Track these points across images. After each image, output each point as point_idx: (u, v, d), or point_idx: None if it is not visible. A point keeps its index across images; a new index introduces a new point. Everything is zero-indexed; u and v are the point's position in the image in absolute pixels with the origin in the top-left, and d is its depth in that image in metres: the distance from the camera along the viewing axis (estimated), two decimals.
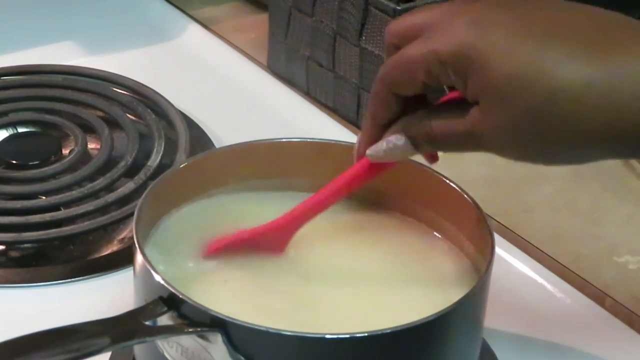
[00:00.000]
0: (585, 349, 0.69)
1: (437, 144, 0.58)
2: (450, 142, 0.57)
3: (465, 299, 0.56)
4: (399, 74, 0.57)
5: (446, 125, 0.57)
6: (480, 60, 0.53)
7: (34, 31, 1.03)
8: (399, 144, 0.58)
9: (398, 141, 0.58)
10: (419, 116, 0.58)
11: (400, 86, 0.57)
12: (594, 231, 0.79)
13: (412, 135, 0.58)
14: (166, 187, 0.64)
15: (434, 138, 0.57)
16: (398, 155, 0.59)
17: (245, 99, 0.94)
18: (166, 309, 0.55)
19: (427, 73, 0.55)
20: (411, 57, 0.56)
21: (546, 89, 0.52)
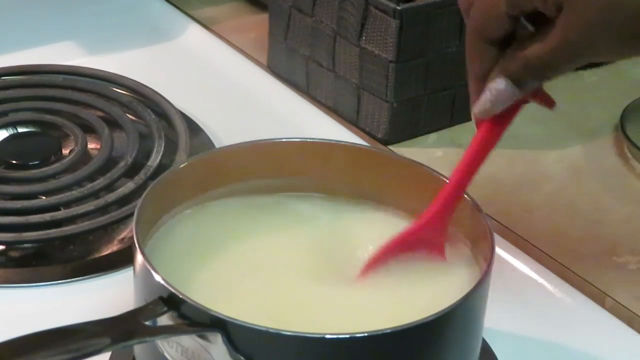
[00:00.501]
0: (585, 349, 0.69)
1: (536, 70, 0.57)
2: (547, 62, 0.57)
3: (465, 299, 0.56)
4: (483, 16, 0.57)
5: (538, 47, 0.56)
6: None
7: (34, 31, 1.03)
8: (500, 87, 0.58)
9: (499, 85, 0.58)
10: (509, 53, 0.58)
11: (488, 28, 0.58)
12: (594, 231, 0.79)
13: (510, 73, 0.58)
14: (166, 187, 0.64)
15: (531, 65, 0.57)
16: (505, 101, 0.59)
17: (245, 99, 0.94)
18: (166, 309, 0.55)
19: (508, 2, 0.56)
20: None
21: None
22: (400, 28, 0.84)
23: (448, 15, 0.85)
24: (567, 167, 0.86)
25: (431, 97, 0.88)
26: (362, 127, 0.89)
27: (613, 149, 0.88)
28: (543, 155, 0.87)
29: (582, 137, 0.89)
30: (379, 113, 0.87)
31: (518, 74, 0.58)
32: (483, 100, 0.59)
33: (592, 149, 0.89)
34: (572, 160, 0.87)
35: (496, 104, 0.59)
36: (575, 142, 0.89)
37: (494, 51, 0.58)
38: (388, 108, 0.87)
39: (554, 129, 0.89)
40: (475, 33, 0.58)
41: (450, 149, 0.87)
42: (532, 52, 0.57)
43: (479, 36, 0.58)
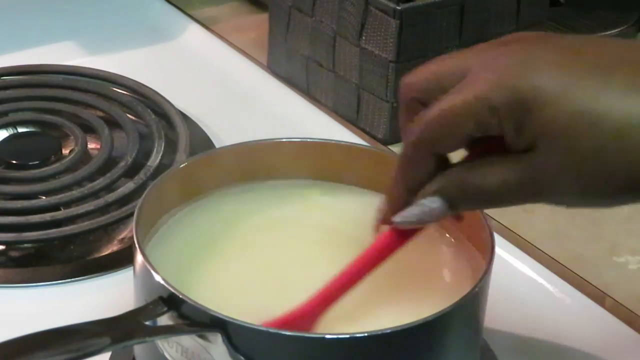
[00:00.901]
0: (585, 349, 0.69)
1: (478, 200, 0.53)
2: (495, 196, 0.53)
3: (465, 299, 0.56)
4: (441, 130, 0.52)
5: (492, 178, 0.52)
6: (539, 102, 0.50)
7: (34, 31, 1.03)
8: (434, 206, 0.54)
9: (433, 204, 0.54)
10: (455, 172, 0.54)
11: (443, 144, 0.53)
12: (594, 231, 0.79)
13: (450, 196, 0.53)
14: (166, 187, 0.64)
15: (476, 194, 0.53)
16: (432, 219, 0.55)
17: (245, 99, 0.95)
18: (166, 309, 0.55)
19: (476, 124, 0.51)
20: (456, 109, 0.51)
21: (612, 126, 0.49)
22: (400, 28, 0.84)
23: (448, 15, 0.85)
24: None
25: None
26: (362, 127, 0.89)
27: None
28: None
29: None
30: (379, 113, 0.87)
31: (457, 199, 0.53)
32: (409, 213, 0.55)
33: None
34: None
35: (422, 221, 0.55)
36: None
37: (435, 164, 0.54)
38: (388, 108, 0.87)
39: None
40: (425, 144, 0.53)
41: None
42: (479, 184, 0.52)
43: (428, 148, 0.53)
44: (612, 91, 0.49)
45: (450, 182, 0.53)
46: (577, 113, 0.49)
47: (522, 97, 0.50)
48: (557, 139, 0.50)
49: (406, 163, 0.55)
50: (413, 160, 0.54)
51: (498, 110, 0.50)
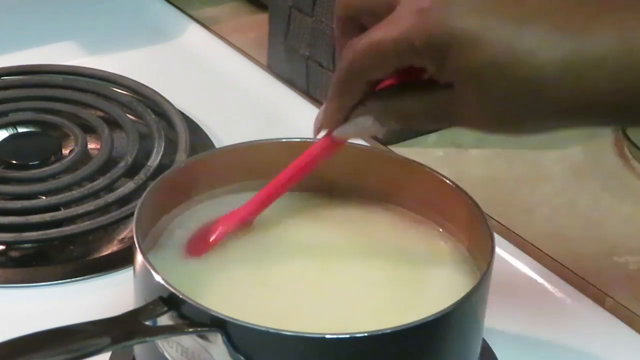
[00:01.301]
0: (585, 349, 0.69)
1: (404, 122, 0.58)
2: (421, 120, 0.58)
3: (465, 299, 0.56)
4: (368, 61, 0.56)
5: (418, 105, 0.57)
6: (454, 48, 0.53)
7: (34, 31, 1.03)
8: (367, 124, 0.59)
9: (366, 122, 0.59)
10: (386, 97, 0.58)
11: (370, 73, 0.57)
12: (594, 231, 0.79)
13: (378, 115, 0.58)
14: (166, 187, 0.64)
15: (404, 117, 0.58)
16: (365, 134, 0.60)
17: (245, 99, 0.94)
18: (166, 309, 0.55)
19: (399, 59, 0.55)
20: (382, 44, 0.55)
21: (525, 76, 0.52)
22: None
23: None
24: (567, 167, 0.86)
25: None
26: None
27: (613, 149, 0.88)
28: (543, 155, 0.87)
29: (582, 137, 0.89)
30: None
31: (387, 119, 0.58)
32: (347, 129, 0.60)
33: (592, 149, 0.89)
34: (572, 160, 0.87)
35: (358, 134, 0.60)
36: (575, 142, 0.89)
37: (366, 87, 0.58)
38: None
39: None
40: (356, 71, 0.57)
41: (450, 149, 0.87)
42: (408, 107, 0.57)
43: (359, 75, 0.57)
44: (525, 41, 0.52)
45: (381, 106, 0.58)
46: (489, 61, 0.52)
47: (440, 42, 0.53)
48: (470, 83, 0.54)
49: (340, 87, 0.59)
50: (346, 85, 0.59)
51: (419, 51, 0.54)
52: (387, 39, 0.55)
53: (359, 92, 0.58)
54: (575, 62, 0.52)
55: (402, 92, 0.58)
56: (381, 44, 0.55)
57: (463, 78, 0.54)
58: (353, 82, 0.58)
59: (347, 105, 0.59)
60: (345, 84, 0.58)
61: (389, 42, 0.55)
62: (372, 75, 0.57)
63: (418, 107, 0.57)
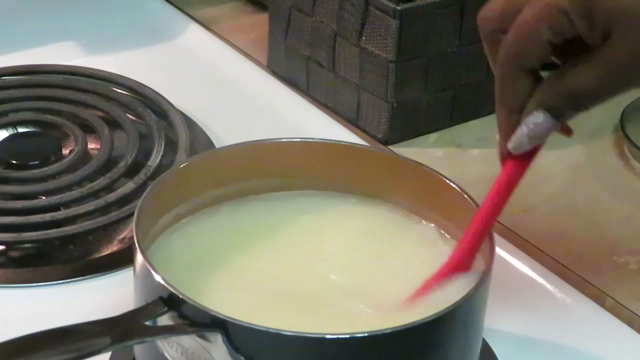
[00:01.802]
0: (585, 349, 0.69)
1: (579, 101, 0.55)
2: (593, 92, 0.55)
3: (465, 299, 0.56)
4: (522, 42, 0.55)
5: (582, 77, 0.54)
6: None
7: (34, 31, 1.03)
8: (539, 121, 0.55)
9: (537, 119, 0.56)
10: (548, 83, 0.55)
11: (527, 56, 0.55)
12: (594, 231, 0.79)
13: (549, 105, 0.55)
14: (166, 187, 0.64)
15: (575, 96, 0.55)
16: (542, 135, 0.56)
17: (245, 99, 0.94)
18: (166, 309, 0.55)
19: (551, 29, 0.53)
20: (530, 20, 0.54)
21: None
22: (400, 28, 0.84)
23: (448, 15, 0.85)
24: (567, 167, 0.86)
25: (431, 97, 0.88)
26: (362, 127, 0.89)
27: (613, 149, 0.88)
28: (543, 155, 0.87)
29: (582, 137, 0.89)
30: (379, 113, 0.87)
31: (559, 106, 0.55)
32: (519, 135, 0.56)
33: (592, 149, 0.89)
34: (572, 160, 0.87)
35: (534, 139, 0.57)
36: (575, 142, 0.89)
37: (529, 81, 0.56)
38: (388, 108, 0.87)
39: None
40: (512, 61, 0.55)
41: (450, 149, 0.87)
42: (576, 82, 0.54)
43: (516, 64, 0.55)
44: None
45: (546, 93, 0.55)
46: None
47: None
48: (626, 21, 0.52)
49: (501, 86, 0.56)
50: (506, 81, 0.56)
51: (568, 11, 0.52)
52: (533, 14, 0.54)
53: (522, 87, 0.56)
54: None
55: (565, 72, 0.55)
56: (528, 20, 0.54)
57: (618, 21, 0.52)
58: (513, 76, 0.56)
59: (513, 108, 0.56)
60: (504, 81, 0.56)
61: (536, 14, 0.54)
62: (527, 59, 0.55)
63: (585, 79, 0.54)
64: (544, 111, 0.55)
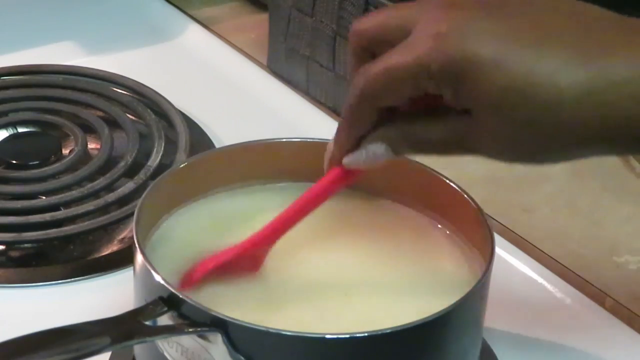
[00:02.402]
0: (585, 349, 0.69)
1: (419, 149, 0.57)
2: (436, 148, 0.56)
3: (465, 299, 0.56)
4: (382, 87, 0.55)
5: (433, 132, 0.55)
6: (472, 74, 0.51)
7: (34, 31, 1.03)
8: (378, 152, 0.57)
9: (378, 149, 0.57)
10: (399, 124, 0.56)
11: (383, 99, 0.55)
12: (594, 231, 0.79)
13: (395, 144, 0.57)
14: (166, 187, 0.64)
15: (417, 144, 0.56)
16: (377, 162, 0.58)
17: (245, 99, 0.94)
18: (166, 309, 0.55)
19: (414, 85, 0.53)
20: (396, 71, 0.54)
21: (545, 100, 0.51)
22: None
23: None
24: (567, 167, 0.86)
25: None
26: None
27: None
28: None
29: None
30: None
31: (401, 146, 0.57)
32: (357, 156, 0.58)
33: None
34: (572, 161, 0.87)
35: (369, 163, 0.58)
36: None
37: (377, 116, 0.56)
38: None
39: None
40: (367, 98, 0.55)
41: None
42: (423, 134, 0.56)
43: (371, 102, 0.56)
44: (545, 65, 0.51)
45: (393, 133, 0.57)
46: (509, 86, 0.51)
47: (457, 68, 0.52)
48: (489, 110, 0.52)
49: (351, 113, 0.57)
50: (357, 112, 0.57)
51: (435, 76, 0.52)
52: (402, 63, 0.53)
53: (370, 119, 0.57)
54: (597, 85, 0.50)
55: (417, 119, 0.56)
56: (395, 68, 0.54)
57: (481, 104, 0.52)
58: (365, 109, 0.56)
59: (357, 134, 0.57)
60: (356, 111, 0.56)
61: (403, 67, 0.53)
62: (385, 102, 0.55)
63: (434, 135, 0.55)
64: (386, 146, 0.57)
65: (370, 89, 0.55)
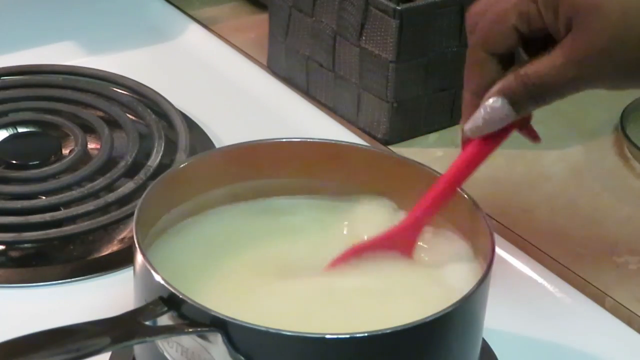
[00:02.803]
0: (585, 349, 0.69)
1: (536, 92, 0.56)
2: (549, 84, 0.55)
3: (465, 299, 0.56)
4: (491, 27, 0.56)
5: (542, 67, 0.55)
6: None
7: (34, 31, 1.03)
8: (496, 106, 0.56)
9: (495, 103, 0.56)
10: (512, 72, 0.57)
11: (494, 40, 0.56)
12: (594, 231, 0.79)
13: (508, 92, 0.56)
14: (166, 187, 0.64)
15: (531, 86, 0.56)
16: (498, 122, 0.57)
17: (245, 99, 0.94)
18: (166, 309, 0.55)
19: (519, 15, 0.55)
20: (501, 7, 0.56)
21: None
22: (400, 28, 0.84)
23: (448, 15, 0.85)
24: (567, 167, 0.86)
25: (431, 97, 0.88)
26: (362, 127, 0.89)
27: (613, 149, 0.88)
28: (543, 155, 0.87)
29: (582, 137, 0.89)
30: (379, 113, 0.87)
31: (517, 94, 0.56)
32: (476, 117, 0.57)
33: (592, 149, 0.89)
34: (572, 160, 0.87)
35: (489, 124, 0.57)
36: (575, 142, 0.89)
37: (495, 66, 0.57)
38: (388, 108, 0.87)
39: (554, 129, 0.89)
40: (479, 44, 0.57)
41: (450, 149, 0.87)
42: (534, 71, 0.56)
43: (483, 47, 0.57)
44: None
45: (507, 80, 0.56)
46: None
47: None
48: (586, 15, 0.53)
49: (469, 68, 0.58)
50: (474, 62, 0.57)
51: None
52: (506, 1, 0.56)
53: (487, 71, 0.57)
54: None
55: (526, 63, 0.57)
56: (499, 8, 0.56)
57: (580, 11, 0.53)
58: (481, 58, 0.57)
59: (477, 91, 0.57)
60: (472, 62, 0.57)
61: (507, 3, 0.55)
62: (496, 45, 0.57)
63: (546, 69, 0.55)
64: (502, 97, 0.56)
65: (480, 33, 0.57)
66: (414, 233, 0.63)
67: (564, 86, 0.55)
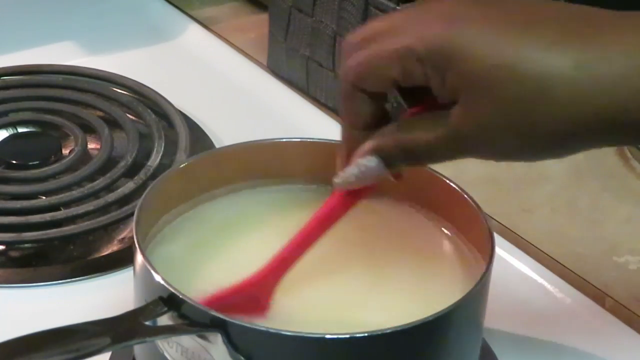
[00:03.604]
0: (585, 349, 0.69)
1: (413, 156, 0.54)
2: (428, 152, 0.54)
3: (465, 299, 0.56)
4: (367, 69, 0.54)
5: (423, 134, 0.53)
6: (461, 53, 0.51)
7: (34, 31, 1.03)
8: (370, 165, 0.55)
9: (369, 162, 0.55)
10: (388, 131, 0.55)
11: (367, 82, 0.54)
12: (594, 231, 0.79)
13: (384, 152, 0.55)
14: (166, 187, 0.64)
15: (409, 151, 0.54)
16: (370, 179, 0.56)
17: (245, 99, 0.95)
18: (166, 309, 0.55)
19: (401, 70, 0.52)
20: (383, 53, 0.53)
21: (537, 75, 0.50)
22: None
23: None
24: (567, 167, 0.86)
25: None
26: None
27: (613, 149, 0.88)
28: None
29: None
30: None
31: (393, 156, 0.55)
32: (349, 173, 0.56)
33: None
34: (572, 160, 0.87)
35: (362, 180, 0.56)
36: None
37: (367, 104, 0.55)
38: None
39: None
40: (350, 81, 0.54)
41: None
42: (414, 139, 0.54)
43: (354, 84, 0.54)
44: (531, 46, 0.50)
45: (383, 140, 0.55)
46: (497, 65, 0.50)
47: (445, 49, 0.51)
48: (477, 90, 0.51)
49: (342, 100, 0.56)
50: (345, 97, 0.55)
51: (423, 59, 0.52)
52: (390, 47, 0.53)
53: (360, 107, 0.55)
54: (589, 61, 0.49)
55: (407, 123, 0.55)
56: (382, 52, 0.53)
57: (471, 84, 0.51)
58: (351, 94, 0.55)
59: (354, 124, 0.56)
60: (345, 98, 0.55)
61: (390, 51, 0.53)
62: (368, 86, 0.54)
63: (426, 138, 0.53)
64: (377, 157, 0.55)
65: (355, 70, 0.54)
66: (269, 287, 0.59)
67: (442, 156, 0.54)
